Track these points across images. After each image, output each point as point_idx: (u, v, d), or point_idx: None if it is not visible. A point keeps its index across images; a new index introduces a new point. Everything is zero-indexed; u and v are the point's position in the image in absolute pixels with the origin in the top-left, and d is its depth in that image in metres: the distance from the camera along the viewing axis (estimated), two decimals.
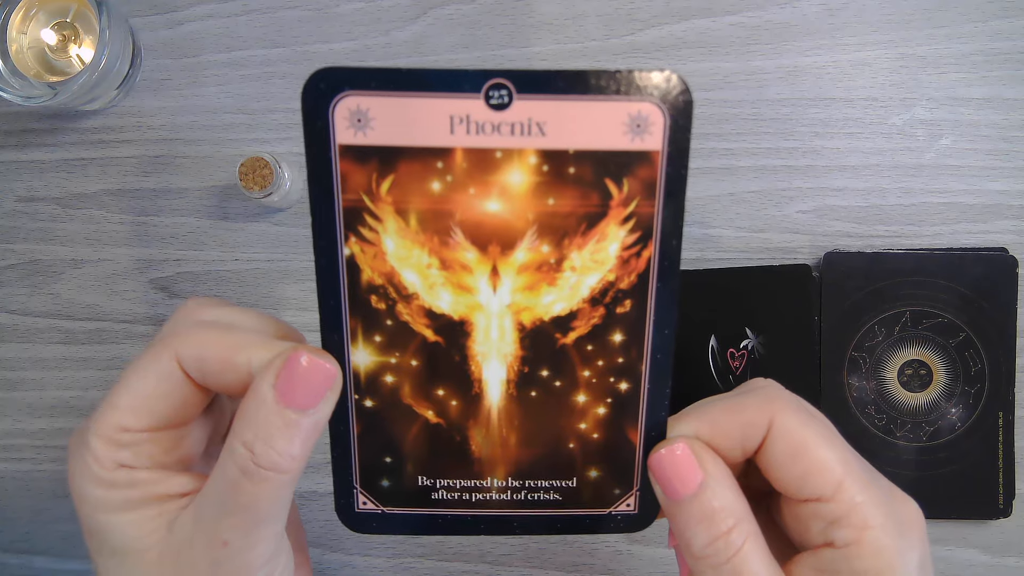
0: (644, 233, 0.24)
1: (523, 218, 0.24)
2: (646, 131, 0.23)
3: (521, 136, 0.23)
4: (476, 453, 0.27)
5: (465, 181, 0.23)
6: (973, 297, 0.47)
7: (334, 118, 0.23)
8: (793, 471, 0.25)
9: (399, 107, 0.23)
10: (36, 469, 0.52)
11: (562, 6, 0.49)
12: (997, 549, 0.49)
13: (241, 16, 0.50)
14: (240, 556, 0.24)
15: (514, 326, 0.25)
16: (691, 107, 0.23)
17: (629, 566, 0.50)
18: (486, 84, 0.23)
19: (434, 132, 0.23)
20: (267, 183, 0.45)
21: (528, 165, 0.23)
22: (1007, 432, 0.48)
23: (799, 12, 0.49)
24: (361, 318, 0.25)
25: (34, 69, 0.47)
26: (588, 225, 0.24)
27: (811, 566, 0.25)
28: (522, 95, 0.23)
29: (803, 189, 0.49)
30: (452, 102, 0.23)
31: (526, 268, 0.25)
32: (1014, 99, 0.49)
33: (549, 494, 0.27)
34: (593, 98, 0.23)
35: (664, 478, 0.25)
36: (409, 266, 0.25)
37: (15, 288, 0.51)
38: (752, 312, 0.48)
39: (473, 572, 0.50)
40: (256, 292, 0.50)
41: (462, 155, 0.23)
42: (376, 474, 0.27)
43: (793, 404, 0.26)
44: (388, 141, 0.23)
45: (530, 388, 0.26)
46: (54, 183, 0.51)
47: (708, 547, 0.25)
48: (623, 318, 0.25)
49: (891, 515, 0.24)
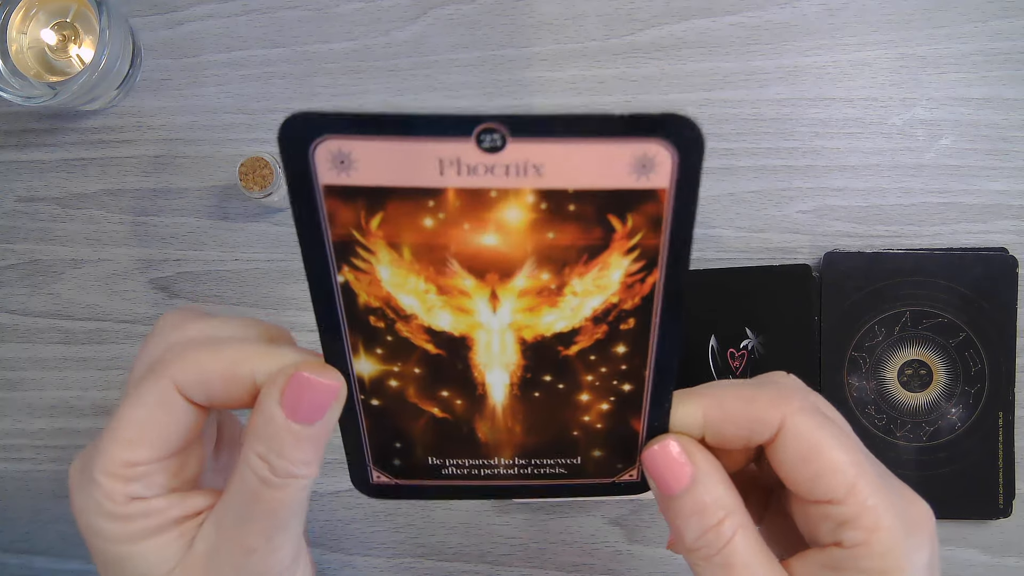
0: (649, 262, 0.23)
1: (521, 250, 0.23)
2: (652, 170, 0.21)
3: (517, 176, 0.21)
4: (483, 439, 0.27)
5: (459, 218, 0.22)
6: (973, 297, 0.47)
7: (315, 160, 0.21)
8: (804, 473, 0.25)
9: (383, 150, 0.21)
10: (36, 469, 0.52)
11: (562, 6, 0.49)
12: (997, 549, 0.49)
13: (241, 16, 0.50)
14: (264, 561, 0.25)
15: (515, 340, 0.25)
16: (702, 144, 0.21)
17: (629, 566, 0.50)
18: (477, 129, 0.21)
19: (423, 174, 0.21)
20: (267, 183, 0.45)
21: (525, 203, 0.22)
22: (1007, 432, 0.48)
23: (799, 12, 0.49)
24: (361, 335, 0.25)
25: (34, 69, 0.47)
26: (590, 256, 0.23)
27: (818, 562, 0.25)
28: (516, 138, 0.21)
29: (803, 189, 0.49)
30: (440, 146, 0.21)
31: (526, 293, 0.24)
32: (1014, 99, 0.49)
33: (555, 468, 0.28)
34: (594, 141, 0.21)
35: (657, 474, 0.26)
36: (406, 292, 0.24)
37: (15, 288, 0.51)
38: (752, 312, 0.48)
39: (473, 572, 0.50)
40: (256, 292, 0.50)
41: (454, 194, 0.22)
42: (387, 455, 0.27)
43: (808, 405, 0.26)
44: (374, 182, 0.21)
45: (533, 390, 0.26)
46: (54, 183, 0.51)
47: (699, 539, 0.25)
48: (627, 333, 0.25)
49: (900, 516, 0.25)
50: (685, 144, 0.21)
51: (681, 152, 0.21)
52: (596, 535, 0.50)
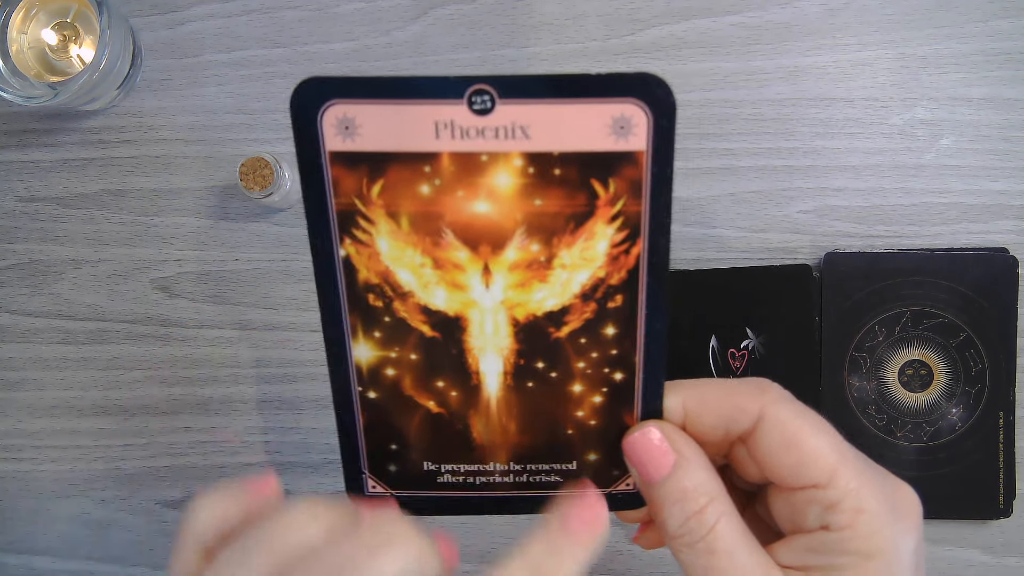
0: (632, 231, 0.24)
1: (511, 218, 0.24)
2: (630, 132, 0.23)
3: (505, 140, 0.23)
4: (478, 440, 0.27)
5: (453, 184, 0.24)
6: (974, 297, 0.47)
7: (323, 126, 0.23)
8: (787, 460, 0.25)
9: (385, 114, 0.23)
10: (36, 469, 0.52)
11: (562, 6, 0.49)
12: (997, 549, 0.49)
13: (241, 16, 0.50)
14: None
15: (508, 321, 0.26)
16: (674, 106, 0.23)
17: (629, 566, 0.50)
18: (468, 90, 0.23)
19: (420, 138, 0.23)
20: (267, 183, 0.45)
21: (514, 167, 0.24)
22: (1007, 432, 0.48)
23: (799, 12, 0.49)
24: (360, 315, 0.26)
25: (34, 69, 0.47)
26: (576, 224, 0.24)
27: (804, 546, 0.25)
28: (505, 100, 0.23)
29: (803, 189, 0.49)
30: (436, 108, 0.23)
31: (517, 266, 0.25)
32: (1014, 99, 0.49)
33: (550, 476, 0.28)
34: (575, 101, 0.23)
35: (639, 461, 0.26)
36: (403, 266, 0.25)
37: (15, 288, 0.51)
38: (753, 312, 0.48)
39: (473, 572, 0.50)
40: (256, 292, 0.50)
41: (448, 159, 0.23)
42: (383, 460, 0.28)
43: (786, 396, 0.26)
44: (376, 147, 0.23)
45: (526, 379, 0.26)
46: (54, 183, 0.51)
47: (683, 526, 0.25)
48: (615, 312, 0.26)
49: (886, 500, 0.25)
50: (657, 104, 0.23)
51: (655, 112, 0.23)
52: None
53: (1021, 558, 0.49)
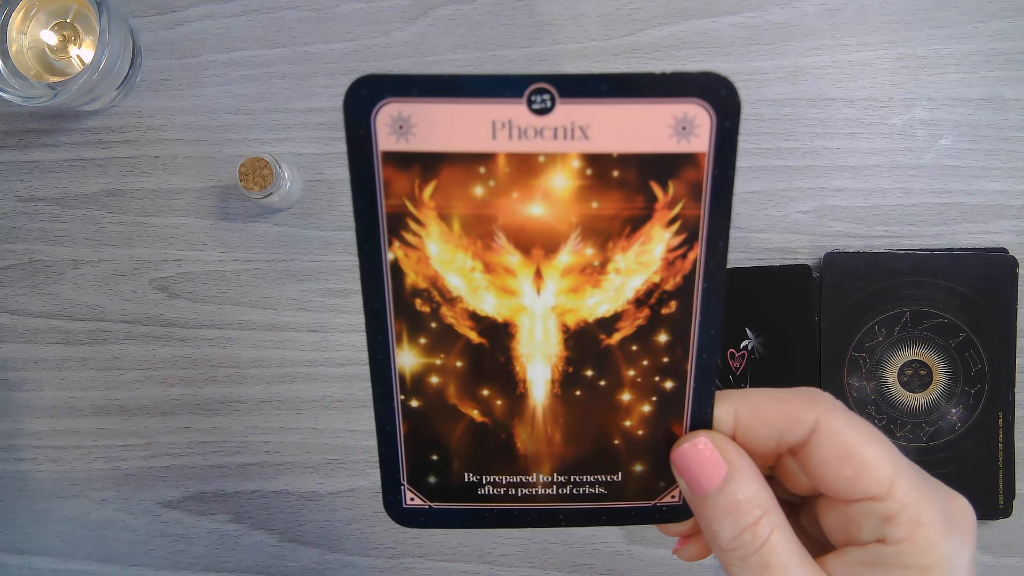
0: (690, 235, 0.24)
1: (566, 221, 0.24)
2: (692, 133, 0.23)
3: (564, 140, 0.23)
4: (522, 450, 0.27)
5: (508, 185, 0.23)
6: (973, 297, 0.47)
7: (376, 125, 0.23)
8: (843, 471, 0.25)
9: (440, 113, 0.22)
10: (36, 469, 0.52)
11: (562, 6, 0.49)
12: (997, 549, 0.49)
13: (241, 16, 0.50)
14: None
15: (558, 327, 0.25)
16: (739, 107, 0.22)
17: (629, 566, 0.50)
18: (528, 89, 0.22)
19: (476, 137, 0.23)
20: (267, 183, 0.45)
21: (571, 169, 0.23)
22: (1007, 432, 0.48)
23: (799, 12, 0.49)
24: (406, 321, 0.25)
25: (34, 69, 0.47)
26: (632, 228, 0.24)
27: (858, 560, 0.25)
28: (565, 99, 0.22)
29: (803, 189, 0.49)
30: (494, 107, 0.22)
31: (570, 271, 0.24)
32: (1014, 99, 0.49)
33: (595, 488, 0.27)
34: (638, 101, 0.22)
35: (688, 473, 0.25)
36: (453, 270, 0.24)
37: (15, 288, 0.51)
38: (752, 312, 0.48)
39: (473, 572, 0.50)
40: (256, 292, 0.50)
41: (505, 160, 0.23)
42: (423, 471, 0.27)
43: (839, 406, 0.26)
44: (430, 147, 0.23)
45: (575, 388, 0.26)
46: (54, 183, 0.51)
47: (735, 539, 0.24)
48: (668, 319, 0.25)
49: (942, 512, 0.24)
50: (722, 104, 0.22)
51: (719, 113, 0.22)
52: (596, 535, 0.50)
53: (1021, 558, 0.49)
